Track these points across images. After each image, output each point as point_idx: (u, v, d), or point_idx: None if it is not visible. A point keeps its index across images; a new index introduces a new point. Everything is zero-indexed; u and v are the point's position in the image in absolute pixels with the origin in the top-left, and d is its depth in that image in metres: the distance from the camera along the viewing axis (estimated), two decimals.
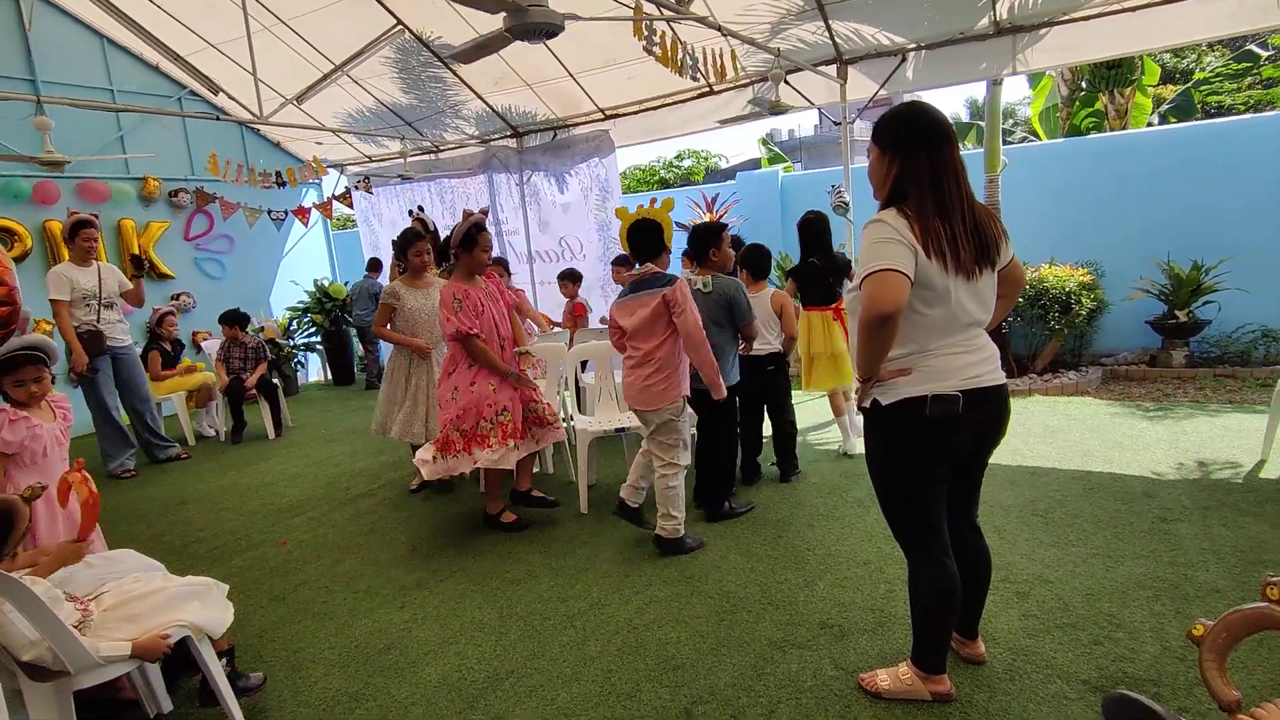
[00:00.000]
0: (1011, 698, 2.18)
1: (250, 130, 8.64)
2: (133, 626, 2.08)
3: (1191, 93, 10.33)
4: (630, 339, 3.38)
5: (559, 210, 7.61)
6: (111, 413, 5.41)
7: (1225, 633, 1.40)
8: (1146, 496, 3.59)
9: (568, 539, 3.69)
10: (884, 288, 1.81)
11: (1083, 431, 4.73)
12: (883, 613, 2.72)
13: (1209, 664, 1.39)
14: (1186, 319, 5.89)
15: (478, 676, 2.54)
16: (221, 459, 5.96)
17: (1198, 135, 6.29)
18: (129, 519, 4.55)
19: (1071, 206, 6.68)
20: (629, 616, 2.86)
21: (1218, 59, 13.63)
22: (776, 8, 5.26)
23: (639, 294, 3.34)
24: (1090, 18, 4.81)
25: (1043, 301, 5.96)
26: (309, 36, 6.46)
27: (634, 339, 3.36)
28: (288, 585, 3.43)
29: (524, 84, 6.77)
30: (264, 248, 9.03)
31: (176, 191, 7.97)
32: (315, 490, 4.89)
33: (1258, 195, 5.93)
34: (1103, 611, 2.60)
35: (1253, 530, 3.13)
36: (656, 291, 3.27)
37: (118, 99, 7.34)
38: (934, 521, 2.09)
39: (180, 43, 7.05)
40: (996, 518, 3.45)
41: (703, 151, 23.23)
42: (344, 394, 8.68)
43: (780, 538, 3.48)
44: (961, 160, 1.94)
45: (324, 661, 2.73)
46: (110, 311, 5.34)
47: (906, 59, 5.49)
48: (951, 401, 1.94)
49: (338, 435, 6.47)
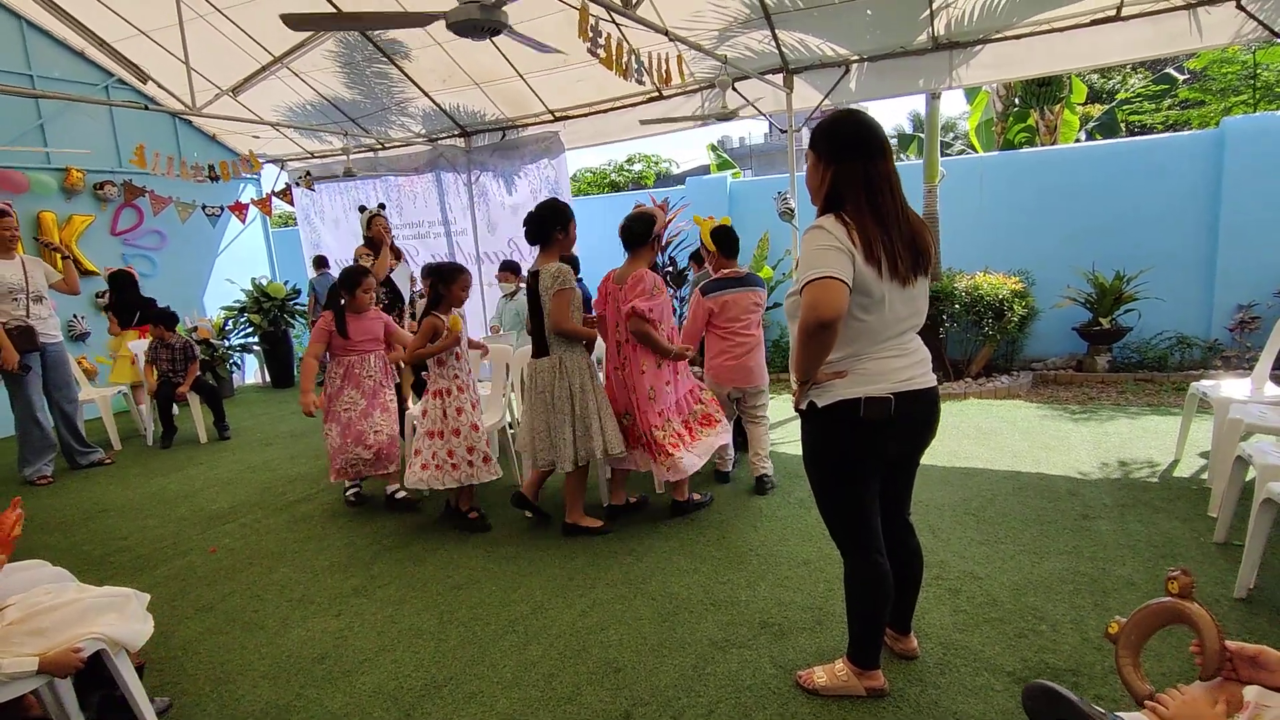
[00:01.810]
0: (941, 691, 2.25)
1: (184, 122, 8.30)
2: (41, 641, 1.97)
3: (1116, 112, 10.89)
4: (737, 325, 4.00)
5: (507, 211, 7.54)
6: (38, 414, 5.13)
7: (1135, 630, 1.47)
8: (1071, 495, 3.76)
9: (512, 543, 3.65)
10: (824, 295, 1.84)
11: (1013, 433, 4.92)
12: (821, 611, 2.78)
13: (1124, 660, 1.46)
14: (1110, 326, 6.19)
15: (415, 684, 2.49)
16: (149, 463, 5.70)
17: (1121, 152, 6.62)
18: (45, 528, 4.31)
19: (1004, 217, 6.96)
20: (572, 620, 2.84)
21: (1140, 80, 14.40)
22: (724, 15, 5.33)
23: (746, 289, 3.98)
24: (1022, 36, 5.04)
25: (977, 308, 6.18)
26: (246, 26, 6.24)
27: (744, 325, 4.01)
28: (216, 595, 3.30)
29: (473, 83, 6.69)
30: (198, 244, 8.68)
31: (103, 184, 7.60)
32: (249, 496, 4.71)
33: (1173, 209, 6.29)
34: (1028, 606, 2.70)
35: (1165, 526, 3.31)
36: (757, 288, 4.02)
37: (37, 85, 6.96)
38: (868, 520, 2.14)
39: (107, 29, 6.72)
40: (931, 517, 3.55)
41: (653, 156, 23.34)
42: (282, 396, 8.40)
43: (724, 538, 3.51)
44: (895, 169, 1.99)
45: (252, 673, 2.63)
46: (40, 306, 5.09)
47: (850, 70, 5.64)
48: (884, 404, 1.99)
49: (275, 439, 6.26)
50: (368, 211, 5.19)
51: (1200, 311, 6.28)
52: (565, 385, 3.45)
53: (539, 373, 3.51)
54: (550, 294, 3.38)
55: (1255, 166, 5.88)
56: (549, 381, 3.47)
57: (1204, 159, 6.17)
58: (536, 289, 3.46)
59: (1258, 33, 4.41)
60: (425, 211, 8.14)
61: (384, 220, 5.20)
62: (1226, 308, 6.12)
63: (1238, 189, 5.99)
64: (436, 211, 8.04)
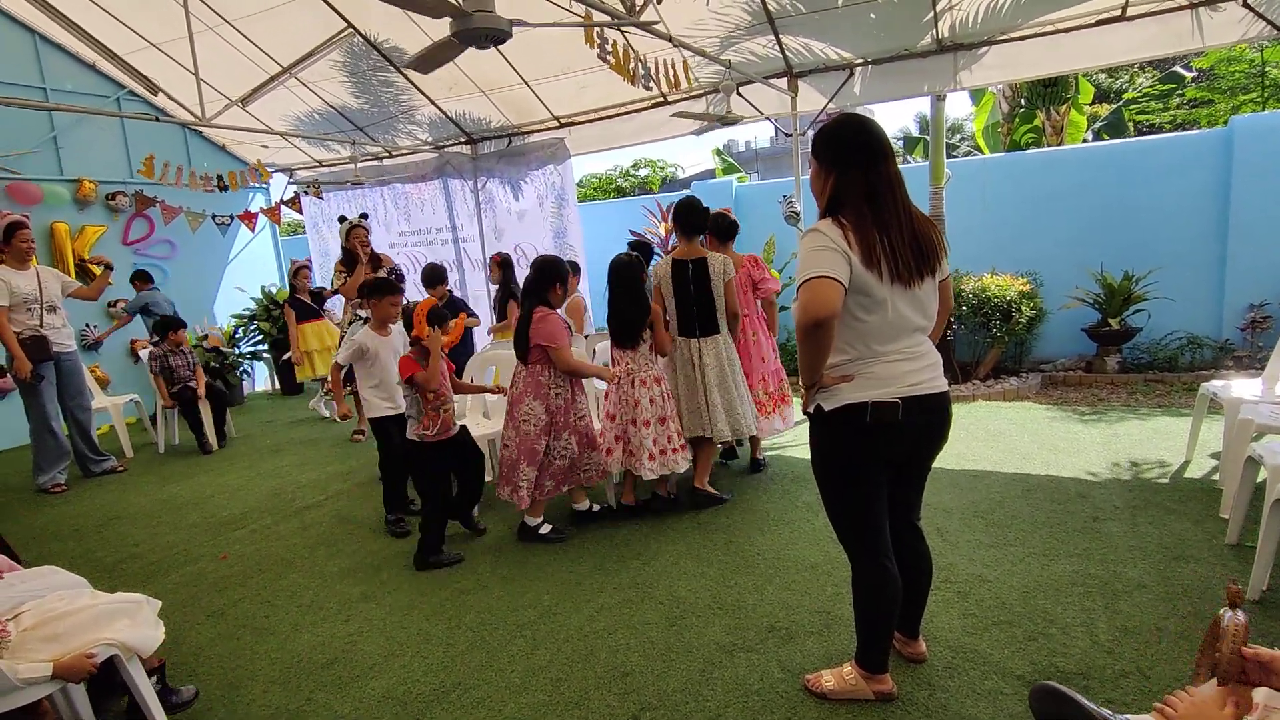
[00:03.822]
0: (950, 694, 2.24)
1: (194, 133, 8.38)
2: (55, 646, 1.99)
3: (1123, 111, 10.83)
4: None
5: (514, 218, 7.57)
6: (53, 422, 5.18)
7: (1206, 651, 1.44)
8: (1080, 497, 3.74)
9: (520, 548, 3.66)
10: (817, 294, 1.86)
11: (1022, 435, 4.89)
12: (829, 615, 2.77)
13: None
14: (1119, 327, 6.15)
15: (424, 689, 2.50)
16: (161, 471, 5.74)
17: (1128, 152, 6.59)
18: (59, 535, 4.35)
19: (1011, 218, 6.93)
20: (580, 624, 2.85)
21: (1147, 80, 14.33)
22: (726, 21, 5.35)
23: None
24: (1026, 38, 5.02)
25: (985, 310, 6.15)
26: (255, 38, 6.31)
27: None
28: (227, 600, 3.32)
29: (478, 90, 6.73)
30: (208, 253, 8.75)
31: (114, 194, 7.68)
32: (259, 502, 4.74)
33: (1182, 208, 6.25)
34: (1038, 608, 2.69)
35: (1176, 527, 3.28)
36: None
37: (51, 98, 7.05)
38: (876, 524, 2.13)
39: (118, 42, 6.80)
40: (939, 519, 3.54)
41: (659, 161, 23.41)
42: (291, 403, 8.45)
43: (731, 543, 3.51)
44: (897, 172, 2.00)
45: (263, 678, 2.65)
46: (53, 316, 5.14)
47: (854, 73, 5.64)
48: (891, 409, 1.99)
49: (284, 445, 6.30)
50: (347, 222, 5.21)
51: (1211, 311, 6.23)
52: (730, 360, 4.02)
53: (705, 350, 3.97)
54: (724, 280, 3.91)
55: (1265, 165, 5.84)
56: (718, 358, 3.98)
57: (1213, 158, 6.13)
58: (686, 275, 3.92)
59: (1265, 31, 4.39)
60: (433, 218, 8.19)
61: (362, 231, 5.17)
62: (1238, 307, 6.07)
63: (1247, 187, 5.95)
64: (444, 218, 8.09)
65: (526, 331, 3.55)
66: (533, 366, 3.61)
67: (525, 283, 3.69)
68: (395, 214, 8.38)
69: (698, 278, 3.92)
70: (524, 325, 3.57)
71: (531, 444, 3.59)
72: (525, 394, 3.61)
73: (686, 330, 3.99)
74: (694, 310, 3.95)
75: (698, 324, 3.97)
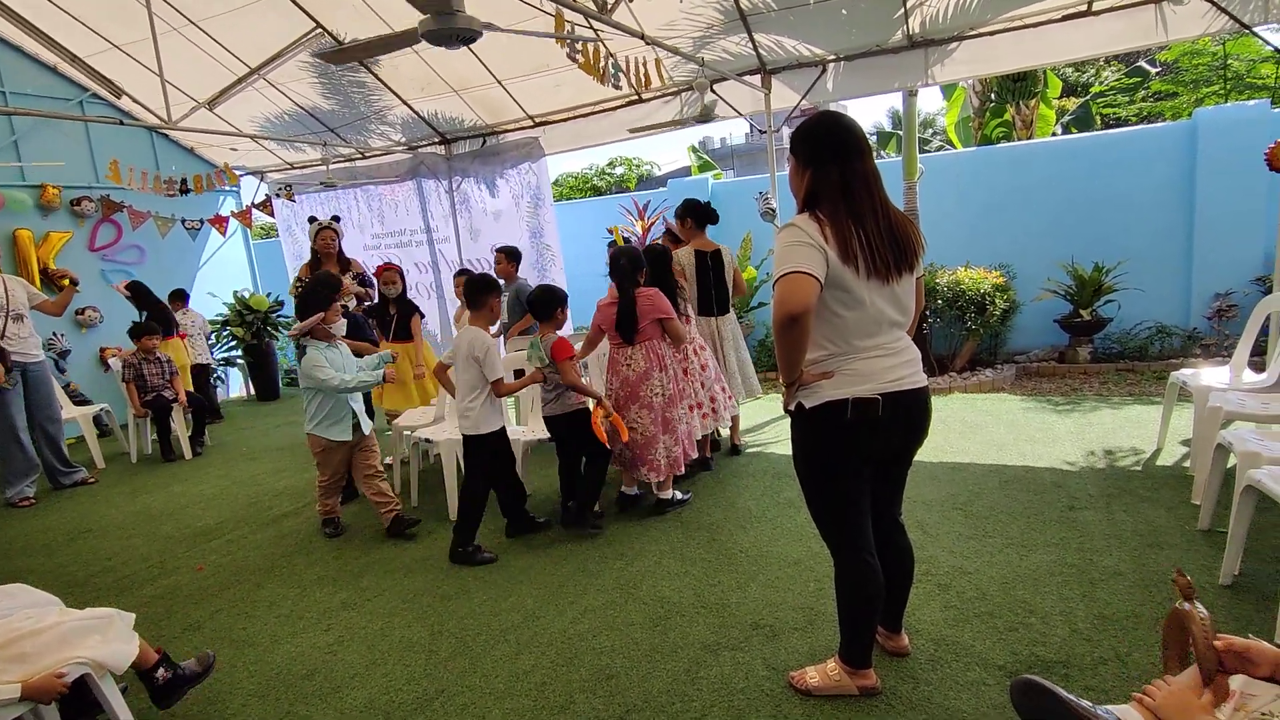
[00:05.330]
0: (933, 687, 2.26)
1: (161, 136, 8.20)
2: (24, 667, 1.94)
3: (1090, 105, 11.01)
4: None
5: (490, 218, 7.52)
6: (20, 434, 5.05)
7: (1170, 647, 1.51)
8: (1056, 487, 3.79)
9: (502, 551, 3.63)
10: (791, 290, 1.86)
11: (999, 427, 4.96)
12: (812, 611, 2.78)
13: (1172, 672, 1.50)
14: (1090, 317, 6.25)
15: (406, 698, 2.47)
16: (133, 482, 5.63)
17: (1096, 145, 6.70)
18: (27, 551, 4.25)
19: (984, 212, 7.02)
20: (563, 627, 2.84)
21: (1113, 74, 14.57)
22: (699, 20, 5.35)
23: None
24: (995, 33, 5.08)
25: (960, 303, 6.22)
26: (221, 39, 6.19)
27: None
28: (204, 613, 3.26)
29: (451, 90, 6.66)
30: (178, 259, 8.56)
31: (79, 200, 7.50)
32: (235, 511, 4.66)
33: (1149, 200, 6.37)
34: (1017, 599, 2.72)
35: (1150, 515, 3.34)
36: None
37: (10, 101, 6.87)
38: (858, 520, 2.14)
39: (80, 44, 6.64)
40: (919, 513, 3.57)
41: (635, 159, 23.36)
42: (267, 409, 8.32)
43: (714, 541, 3.51)
44: (874, 168, 2.00)
45: (241, 691, 2.61)
46: (19, 325, 5.02)
47: (826, 70, 5.67)
48: (871, 405, 2.00)
49: (260, 452, 6.20)
50: (317, 223, 5.15)
51: (1179, 301, 6.36)
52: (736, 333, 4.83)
53: (725, 323, 4.76)
54: (733, 269, 4.74)
55: (1228, 157, 5.96)
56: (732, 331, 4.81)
57: (1178, 150, 6.25)
58: (707, 263, 4.60)
59: (1227, 24, 4.48)
60: (408, 220, 8.10)
61: (331, 232, 5.11)
62: (1204, 296, 6.20)
63: (1212, 179, 6.07)
64: (419, 219, 8.00)
65: (633, 311, 3.76)
66: (649, 343, 3.84)
67: (618, 269, 3.82)
68: (369, 216, 8.28)
69: (715, 266, 4.63)
70: (629, 307, 3.76)
71: (665, 414, 3.85)
72: (652, 369, 3.82)
73: (706, 310, 4.67)
74: (713, 294, 4.65)
75: (715, 304, 4.68)
